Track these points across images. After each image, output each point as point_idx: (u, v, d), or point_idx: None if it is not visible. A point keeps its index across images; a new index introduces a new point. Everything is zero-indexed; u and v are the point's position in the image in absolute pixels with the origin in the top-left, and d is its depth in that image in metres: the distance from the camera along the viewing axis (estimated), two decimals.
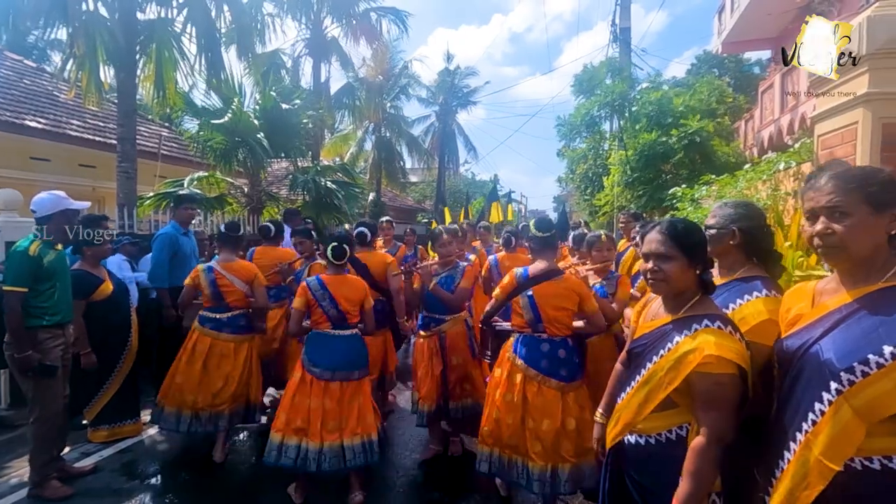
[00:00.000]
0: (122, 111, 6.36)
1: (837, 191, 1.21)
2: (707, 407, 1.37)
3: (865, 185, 1.19)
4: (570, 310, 2.65)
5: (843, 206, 1.19)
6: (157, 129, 11.25)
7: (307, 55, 12.69)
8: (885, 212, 1.17)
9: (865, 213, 1.17)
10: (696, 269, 1.51)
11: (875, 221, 1.17)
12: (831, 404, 1.12)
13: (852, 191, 1.19)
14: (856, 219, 1.18)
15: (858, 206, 1.18)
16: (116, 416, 3.67)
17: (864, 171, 1.24)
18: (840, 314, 1.20)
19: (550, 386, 2.57)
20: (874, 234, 1.18)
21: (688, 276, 1.50)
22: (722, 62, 16.63)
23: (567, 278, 2.69)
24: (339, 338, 2.92)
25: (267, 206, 8.69)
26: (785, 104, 9.47)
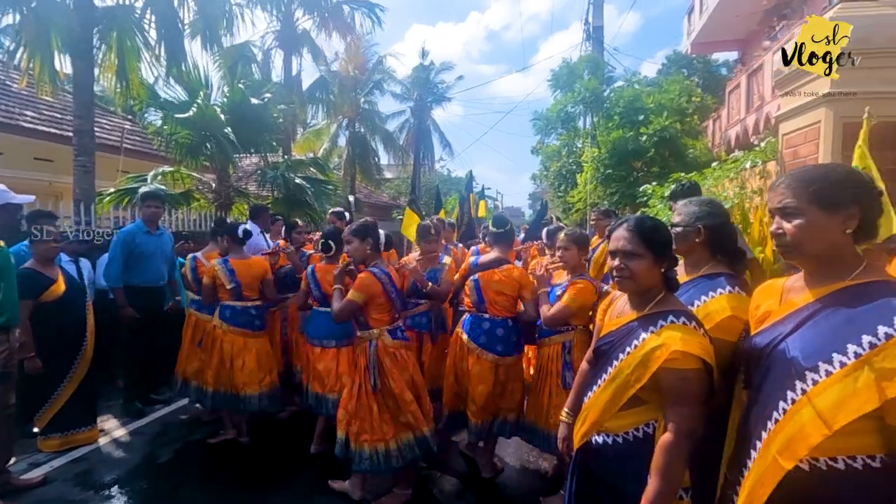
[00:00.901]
0: (79, 102, 6.04)
1: (788, 191, 1.22)
2: (675, 402, 1.37)
3: (815, 184, 1.19)
4: (510, 295, 3.02)
5: (793, 207, 1.20)
6: (120, 121, 10.82)
7: (278, 48, 12.36)
8: (838, 212, 1.16)
9: (816, 214, 1.17)
10: (662, 267, 1.51)
11: (827, 221, 1.17)
12: (794, 403, 1.12)
13: (802, 191, 1.20)
14: (806, 219, 1.18)
15: (808, 207, 1.18)
16: (70, 423, 3.49)
17: (817, 171, 1.23)
18: (807, 312, 1.20)
19: (486, 358, 2.98)
20: (827, 233, 1.17)
21: (654, 273, 1.50)
22: (691, 63, 16.97)
23: (510, 268, 3.05)
24: None
25: (236, 202, 8.44)
26: (751, 104, 9.72)
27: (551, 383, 2.84)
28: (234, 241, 3.67)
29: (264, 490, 3.04)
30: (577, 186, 11.27)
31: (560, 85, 11.01)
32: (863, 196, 1.17)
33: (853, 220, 1.16)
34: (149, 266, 4.21)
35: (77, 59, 6.03)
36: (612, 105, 9.57)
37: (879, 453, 1.07)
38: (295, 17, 12.00)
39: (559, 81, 10.98)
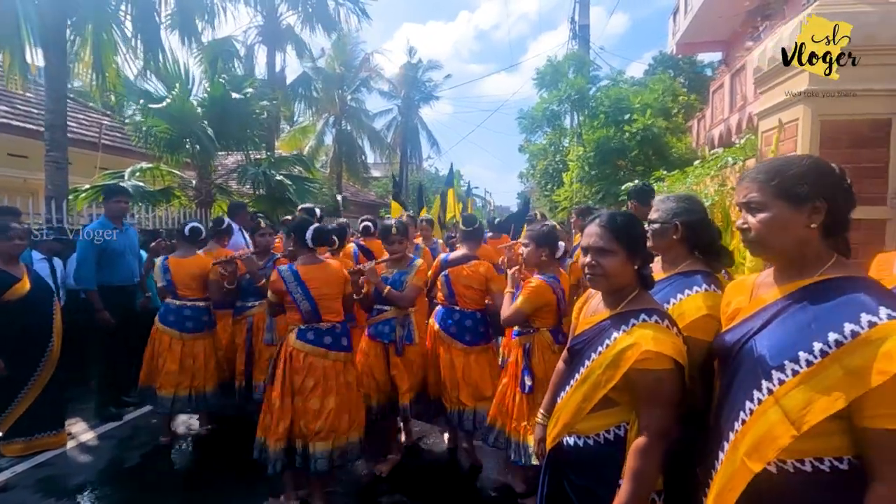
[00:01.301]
0: (52, 96, 5.87)
1: (753, 185, 1.19)
2: (648, 403, 1.33)
3: (778, 177, 1.15)
4: (478, 289, 3.18)
5: (757, 201, 1.17)
6: (99, 117, 10.57)
7: (261, 43, 12.20)
8: (802, 205, 1.13)
9: (781, 207, 1.14)
10: (635, 264, 1.46)
11: (791, 215, 1.13)
12: (761, 403, 1.08)
13: (765, 184, 1.16)
14: (770, 213, 1.15)
15: (773, 201, 1.15)
16: (34, 427, 3.34)
17: (780, 164, 1.20)
18: (775, 308, 1.16)
19: (456, 347, 3.15)
20: (791, 227, 1.14)
21: (627, 270, 1.45)
22: (677, 63, 17.10)
23: (477, 264, 3.21)
24: None
25: (217, 200, 8.30)
26: (734, 104, 9.81)
27: (511, 386, 2.78)
28: (181, 238, 3.64)
29: (231, 495, 2.96)
30: (563, 185, 11.29)
31: (545, 83, 11.01)
32: (829, 189, 1.13)
33: (818, 213, 1.12)
34: (121, 264, 4.08)
35: (49, 51, 5.85)
36: (597, 104, 9.59)
37: (847, 455, 1.04)
38: (279, 11, 11.87)
39: (544, 80, 10.98)
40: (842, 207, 1.15)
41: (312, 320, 2.71)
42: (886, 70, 2.72)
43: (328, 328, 2.75)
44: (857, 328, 0.99)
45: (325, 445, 2.65)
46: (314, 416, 2.64)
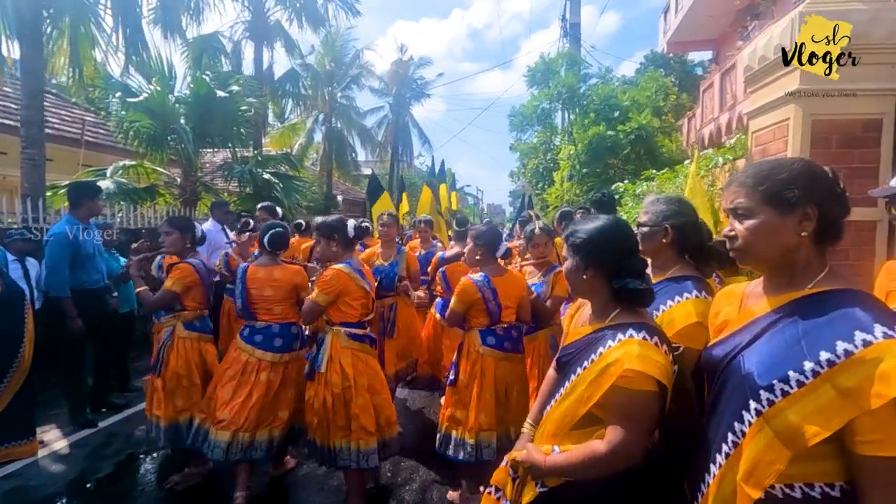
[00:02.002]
0: (27, 91, 5.69)
1: (741, 190, 1.12)
2: (618, 420, 1.26)
3: (767, 182, 1.08)
4: None
5: (744, 207, 1.10)
6: (82, 113, 10.35)
7: (248, 39, 12.01)
8: (791, 212, 1.06)
9: (769, 214, 1.07)
10: (584, 272, 1.39)
11: (780, 222, 1.06)
12: (751, 425, 1.01)
13: (753, 189, 1.09)
14: (758, 220, 1.08)
15: (761, 206, 1.08)
16: (4, 436, 3.20)
17: (768, 167, 1.12)
18: (763, 323, 1.09)
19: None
20: (780, 235, 1.07)
21: (577, 277, 1.42)
22: (668, 62, 17.16)
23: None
24: None
25: (203, 198, 8.15)
26: (724, 103, 9.80)
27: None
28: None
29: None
30: (554, 184, 11.26)
31: (536, 80, 10.96)
32: (821, 194, 1.06)
33: (809, 220, 1.05)
34: (93, 266, 3.95)
35: (24, 44, 5.68)
36: (588, 102, 9.56)
37: (839, 481, 0.97)
38: (266, 7, 11.67)
39: (535, 77, 10.93)
40: (834, 213, 1.08)
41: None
42: (878, 69, 2.68)
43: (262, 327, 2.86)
44: (851, 347, 0.92)
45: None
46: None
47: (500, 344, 2.72)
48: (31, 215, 5.09)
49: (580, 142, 9.51)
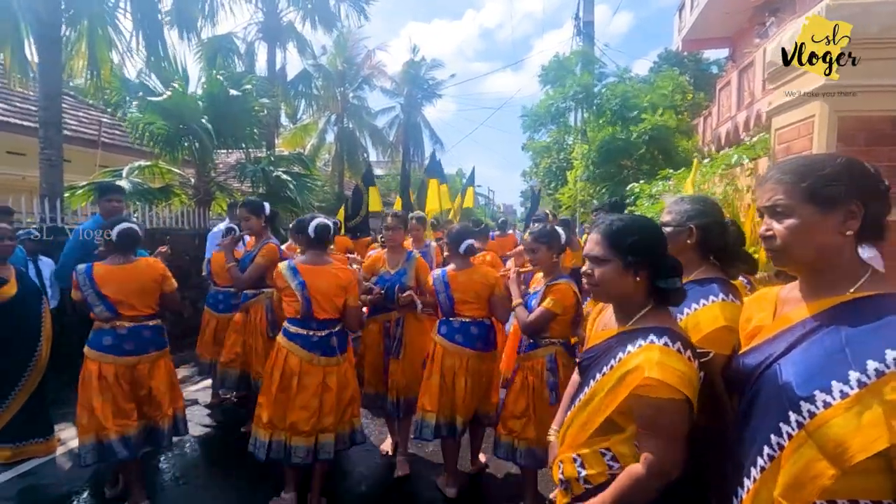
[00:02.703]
0: (45, 92, 5.77)
1: (779, 187, 1.05)
2: (647, 434, 1.21)
3: (808, 178, 1.02)
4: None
5: (784, 204, 1.03)
6: (98, 115, 10.51)
7: (261, 40, 12.10)
8: (835, 209, 0.99)
9: (810, 212, 1.01)
10: (638, 275, 1.31)
11: (823, 221, 1.00)
12: (791, 438, 0.95)
13: (793, 186, 1.03)
14: (799, 219, 1.01)
15: (801, 205, 1.01)
16: (23, 434, 3.25)
17: (809, 163, 1.06)
18: (802, 330, 1.03)
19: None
20: (822, 235, 1.00)
21: (625, 281, 1.32)
22: (682, 61, 16.96)
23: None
24: None
25: (217, 198, 8.21)
26: (742, 101, 9.64)
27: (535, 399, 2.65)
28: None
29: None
30: (567, 184, 11.16)
31: (550, 80, 10.87)
32: (866, 191, 1.00)
33: (854, 219, 0.99)
34: None
35: (43, 47, 5.77)
36: (604, 101, 9.44)
37: (888, 499, 0.90)
38: (279, 8, 11.75)
39: (549, 76, 10.84)
40: (879, 212, 1.02)
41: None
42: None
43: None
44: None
45: None
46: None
47: (450, 335, 2.90)
48: (49, 215, 5.16)
49: (593, 142, 9.41)
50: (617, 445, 1.28)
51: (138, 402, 2.78)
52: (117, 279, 2.73)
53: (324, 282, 2.64)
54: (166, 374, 2.91)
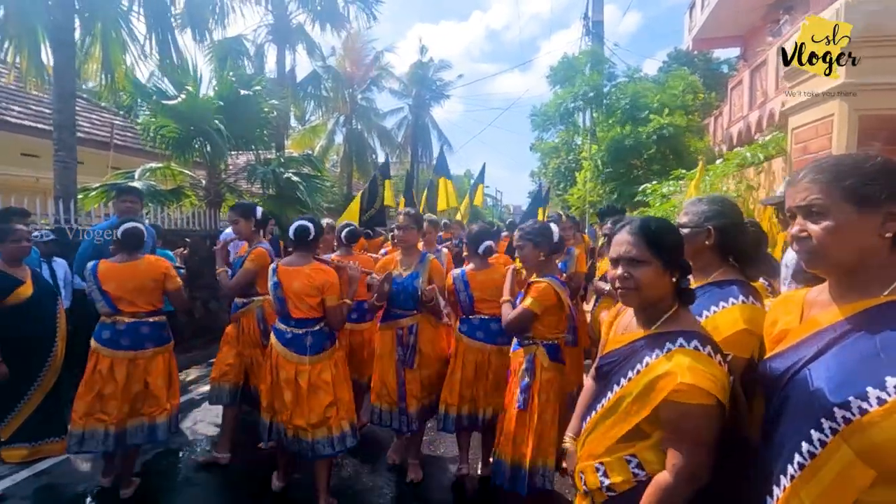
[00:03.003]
0: (59, 95, 5.84)
1: (815, 186, 1.01)
2: (676, 439, 1.18)
3: (847, 177, 0.98)
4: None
5: (820, 204, 1.00)
6: (111, 117, 10.62)
7: (271, 42, 12.16)
8: (874, 210, 0.96)
9: (848, 213, 0.97)
10: (673, 276, 1.30)
11: (861, 222, 0.96)
12: (825, 446, 0.92)
13: (831, 185, 0.99)
14: (836, 220, 0.98)
15: (839, 204, 0.98)
16: (39, 433, 3.29)
17: (847, 161, 1.02)
18: (833, 333, 0.99)
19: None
20: (860, 237, 0.97)
21: (662, 283, 1.29)
22: (692, 60, 16.81)
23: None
24: None
25: (227, 199, 8.26)
26: (754, 101, 9.52)
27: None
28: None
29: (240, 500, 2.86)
30: (576, 184, 11.10)
31: (559, 80, 10.82)
32: None
33: (894, 220, 0.96)
34: None
35: (57, 50, 5.83)
36: (614, 101, 9.38)
37: None
38: (288, 10, 11.80)
39: (558, 76, 10.79)
40: None
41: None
42: None
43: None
44: None
45: None
46: None
47: (471, 332, 2.98)
48: (63, 216, 5.21)
49: (603, 142, 9.35)
50: (643, 452, 1.26)
51: (133, 397, 2.84)
52: (118, 276, 2.85)
53: (297, 282, 2.69)
54: (164, 369, 2.96)
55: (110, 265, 2.88)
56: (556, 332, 2.58)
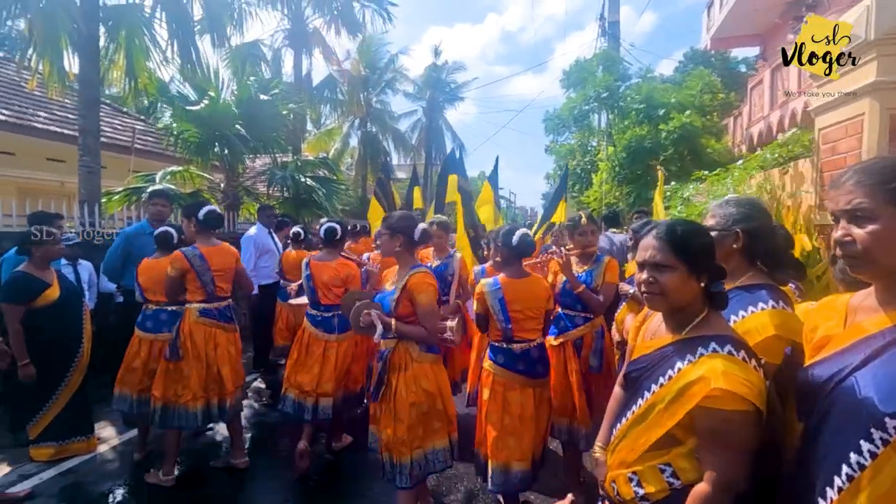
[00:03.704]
0: (84, 101, 5.98)
1: (859, 190, 0.99)
2: (713, 448, 1.16)
3: (893, 180, 0.96)
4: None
5: (865, 208, 0.97)
6: (132, 122, 10.84)
7: (288, 47, 12.29)
8: None
9: (894, 216, 0.95)
10: (701, 281, 1.28)
11: None
12: (875, 457, 0.89)
13: (876, 188, 0.96)
14: (883, 224, 0.95)
15: (885, 208, 0.95)
16: (65, 432, 3.36)
17: (893, 164, 1.00)
18: (882, 340, 0.96)
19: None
20: None
21: (690, 288, 1.27)
22: (709, 60, 16.54)
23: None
24: None
25: (245, 202, 8.38)
26: (775, 100, 9.35)
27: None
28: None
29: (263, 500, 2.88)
30: (592, 186, 11.00)
31: (572, 83, 10.75)
32: None
33: None
34: None
35: (83, 57, 5.98)
36: (629, 101, 9.29)
37: None
38: (305, 15, 11.92)
39: (571, 80, 10.73)
40: None
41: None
42: None
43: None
44: None
45: None
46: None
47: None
48: (88, 220, 5.33)
49: (619, 143, 9.26)
50: (677, 460, 1.23)
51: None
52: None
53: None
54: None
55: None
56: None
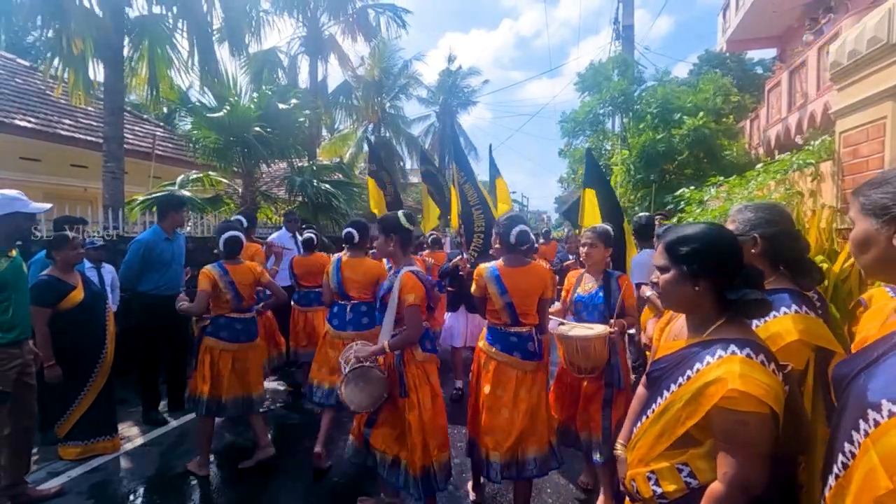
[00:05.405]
0: (109, 108, 6.16)
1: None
2: (728, 448, 1.16)
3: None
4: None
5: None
6: (153, 128, 11.08)
7: (304, 53, 12.48)
8: None
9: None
10: (697, 284, 1.27)
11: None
12: (860, 448, 0.90)
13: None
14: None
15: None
16: (90, 431, 3.45)
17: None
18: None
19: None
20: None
21: (684, 290, 1.29)
22: (724, 62, 16.35)
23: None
24: None
25: (262, 207, 8.51)
26: (793, 103, 9.23)
27: None
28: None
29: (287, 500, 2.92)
30: None
31: (587, 87, 10.74)
32: None
33: None
34: (168, 272, 4.18)
35: (108, 66, 6.15)
36: (644, 105, 9.25)
37: None
38: (321, 22, 12.10)
39: (585, 83, 10.72)
40: None
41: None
42: None
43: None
44: None
45: None
46: None
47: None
48: (112, 224, 5.46)
49: (633, 147, 9.22)
50: (695, 460, 1.24)
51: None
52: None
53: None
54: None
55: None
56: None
